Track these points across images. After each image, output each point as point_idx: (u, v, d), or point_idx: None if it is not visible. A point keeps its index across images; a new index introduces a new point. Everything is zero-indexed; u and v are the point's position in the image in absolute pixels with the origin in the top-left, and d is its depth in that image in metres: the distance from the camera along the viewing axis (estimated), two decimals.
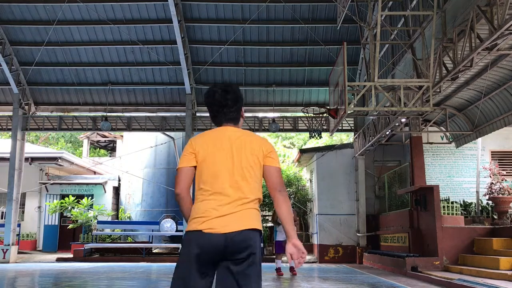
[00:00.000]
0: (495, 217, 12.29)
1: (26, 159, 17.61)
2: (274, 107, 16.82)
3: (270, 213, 19.37)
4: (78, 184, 20.39)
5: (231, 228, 2.49)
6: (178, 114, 16.66)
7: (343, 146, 16.86)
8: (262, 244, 16.12)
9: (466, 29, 7.88)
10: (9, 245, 15.54)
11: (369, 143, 13.72)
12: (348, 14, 11.50)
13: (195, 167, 2.65)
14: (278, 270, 10.70)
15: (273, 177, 2.69)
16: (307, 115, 14.33)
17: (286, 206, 2.67)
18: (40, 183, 19.72)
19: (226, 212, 2.54)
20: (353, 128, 16.38)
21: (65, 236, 19.42)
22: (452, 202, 11.95)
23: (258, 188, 2.67)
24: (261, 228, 2.62)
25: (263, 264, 12.92)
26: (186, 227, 2.58)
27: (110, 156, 26.49)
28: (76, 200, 18.47)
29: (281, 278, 10.05)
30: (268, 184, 2.72)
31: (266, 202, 18.38)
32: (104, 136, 24.79)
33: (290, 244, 2.58)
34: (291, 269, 10.73)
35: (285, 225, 2.61)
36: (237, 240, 2.49)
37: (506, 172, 13.47)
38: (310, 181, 18.33)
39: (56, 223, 19.88)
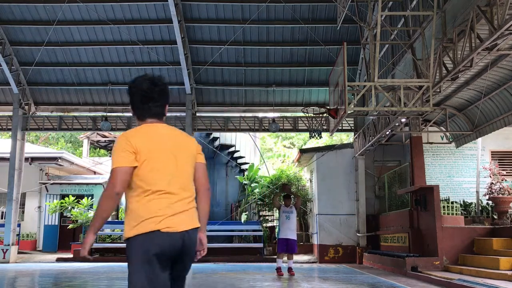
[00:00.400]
0: (495, 217, 12.30)
1: (26, 159, 17.61)
2: (274, 107, 16.82)
3: (270, 213, 19.43)
4: (78, 184, 20.39)
5: (186, 226, 2.57)
6: (178, 114, 16.66)
7: (343, 146, 16.86)
8: (262, 244, 16.15)
9: (466, 29, 7.88)
10: (9, 245, 15.54)
11: (369, 143, 13.72)
12: (348, 14, 11.49)
13: (135, 167, 2.55)
14: (278, 269, 10.60)
15: (203, 174, 2.80)
16: (307, 115, 14.33)
17: (209, 203, 2.85)
18: (40, 183, 19.72)
19: (179, 210, 2.57)
20: (353, 128, 16.38)
21: (65, 236, 19.41)
22: (452, 202, 11.95)
23: (193, 185, 2.76)
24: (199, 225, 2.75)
25: (263, 264, 12.91)
26: (134, 229, 2.51)
27: (110, 156, 26.46)
28: (76, 200, 18.47)
29: (281, 278, 10.05)
30: (197, 181, 2.78)
31: (266, 202, 18.40)
32: (104, 136, 24.79)
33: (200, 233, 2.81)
34: (289, 269, 10.65)
35: (205, 220, 2.88)
36: (193, 238, 2.64)
37: (506, 172, 13.47)
38: (310, 181, 18.33)
39: (56, 223, 19.88)
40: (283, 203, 10.71)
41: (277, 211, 11.62)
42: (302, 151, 18.13)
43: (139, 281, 2.46)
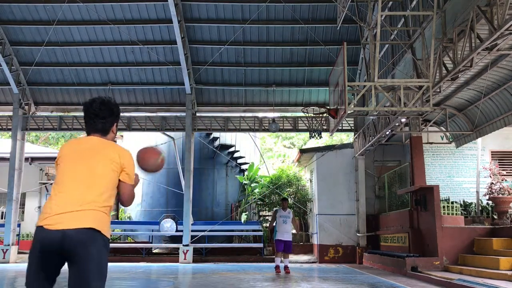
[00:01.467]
0: (495, 217, 12.30)
1: (26, 159, 17.61)
2: (274, 107, 16.81)
3: (270, 213, 19.42)
4: None
5: (67, 225, 2.65)
6: (178, 114, 16.66)
7: (343, 146, 16.86)
8: (262, 244, 16.15)
9: (466, 29, 7.88)
10: (9, 245, 15.54)
11: (369, 143, 13.72)
12: (348, 14, 11.49)
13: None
14: (277, 267, 11.16)
15: (124, 193, 2.97)
16: (307, 115, 14.33)
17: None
18: (40, 183, 19.73)
19: (68, 210, 2.70)
20: (353, 128, 16.38)
21: None
22: (452, 202, 11.96)
23: (109, 195, 2.85)
24: (102, 230, 2.79)
25: (263, 264, 12.88)
26: (37, 222, 2.81)
27: None
28: None
29: (280, 277, 10.05)
30: (120, 197, 2.98)
31: (266, 202, 18.41)
32: None
33: None
34: (285, 267, 11.24)
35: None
36: (74, 238, 2.66)
37: (506, 172, 13.48)
38: (310, 181, 18.33)
39: None
40: (281, 207, 11.65)
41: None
42: (302, 151, 18.14)
43: (27, 265, 2.77)
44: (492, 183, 12.14)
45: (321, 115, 14.08)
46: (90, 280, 2.82)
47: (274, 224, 11.37)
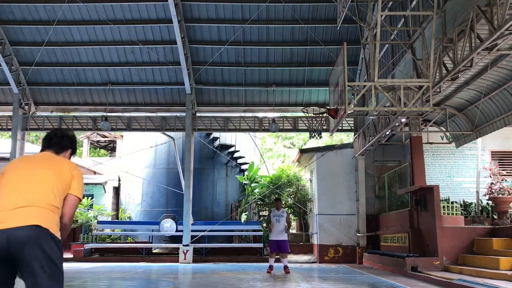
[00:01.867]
0: (495, 217, 12.30)
1: None
2: (274, 107, 16.82)
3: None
4: None
5: (10, 224, 2.53)
6: (178, 114, 16.66)
7: (343, 146, 16.86)
8: (262, 244, 16.16)
9: (466, 29, 7.88)
10: None
11: (369, 143, 13.72)
12: (348, 14, 11.49)
13: None
14: (269, 267, 11.15)
15: (68, 205, 2.85)
16: (307, 115, 14.32)
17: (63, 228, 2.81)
18: None
19: (7, 208, 2.60)
20: (353, 128, 16.38)
21: None
22: (452, 202, 11.95)
23: (55, 196, 2.77)
24: (50, 228, 2.63)
25: (263, 264, 12.79)
26: None
27: (110, 156, 26.48)
28: None
29: (281, 278, 10.05)
30: (63, 209, 2.84)
31: (266, 202, 18.40)
32: (104, 136, 24.78)
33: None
34: (285, 267, 11.16)
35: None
36: (18, 235, 2.51)
37: (506, 172, 13.48)
38: (310, 181, 18.33)
39: None
40: (275, 207, 11.63)
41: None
42: (302, 151, 18.14)
43: None
44: (492, 183, 12.13)
45: (321, 115, 14.07)
46: (41, 282, 2.60)
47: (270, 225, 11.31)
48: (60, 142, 3.09)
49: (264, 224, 17.08)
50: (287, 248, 11.25)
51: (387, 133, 12.32)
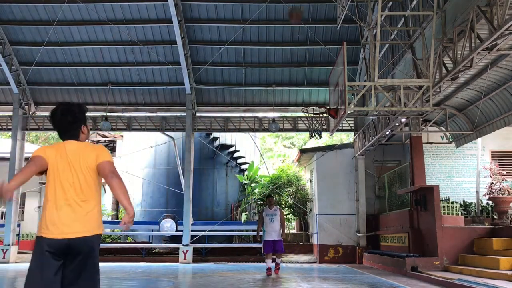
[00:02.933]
0: (495, 217, 12.30)
1: (26, 159, 17.58)
2: (274, 107, 16.81)
3: None
4: None
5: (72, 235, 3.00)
6: (178, 114, 16.66)
7: (343, 146, 16.86)
8: (262, 244, 16.14)
9: (466, 29, 7.88)
10: (9, 245, 15.54)
11: (369, 143, 13.72)
12: (348, 14, 11.49)
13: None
14: (268, 269, 10.45)
15: (104, 168, 3.06)
16: (307, 115, 14.32)
17: (119, 188, 3.02)
18: (40, 183, 19.70)
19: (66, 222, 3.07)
20: (353, 128, 16.38)
21: None
22: (452, 202, 11.95)
23: (94, 193, 3.10)
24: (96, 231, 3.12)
25: (263, 264, 12.68)
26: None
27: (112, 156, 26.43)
28: None
29: (281, 278, 10.05)
30: (101, 174, 3.08)
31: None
32: (104, 136, 24.76)
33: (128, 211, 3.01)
34: (277, 265, 10.65)
35: (122, 201, 3.03)
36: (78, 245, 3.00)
37: (506, 172, 13.48)
38: (310, 181, 18.33)
39: None
40: (266, 205, 10.88)
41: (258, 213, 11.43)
42: (302, 151, 18.13)
43: None
44: (492, 183, 12.14)
45: (321, 115, 14.08)
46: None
47: (262, 226, 10.75)
48: (74, 132, 3.18)
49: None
50: (282, 249, 10.60)
51: (387, 133, 12.32)
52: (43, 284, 2.83)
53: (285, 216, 19.09)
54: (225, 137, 19.14)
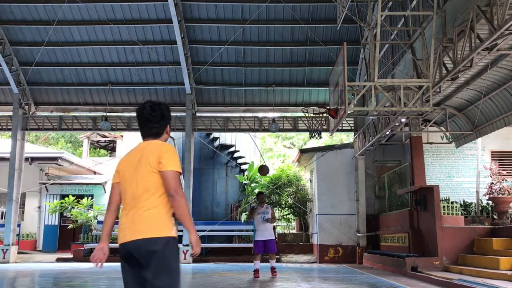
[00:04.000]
0: (495, 217, 12.30)
1: (26, 159, 17.60)
2: (274, 107, 16.82)
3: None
4: (78, 184, 20.39)
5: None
6: (178, 114, 16.65)
7: (343, 146, 16.86)
8: None
9: (466, 29, 7.88)
10: (9, 245, 15.53)
11: (369, 143, 13.72)
12: (348, 14, 11.49)
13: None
14: (256, 271, 9.94)
15: (166, 181, 2.98)
16: (307, 115, 14.32)
17: (179, 209, 2.95)
18: (40, 183, 19.73)
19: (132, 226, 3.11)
20: (353, 128, 16.38)
21: (65, 236, 19.42)
22: (452, 202, 11.95)
23: (159, 197, 3.01)
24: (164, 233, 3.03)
25: (263, 264, 12.66)
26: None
27: (110, 156, 26.48)
28: (76, 200, 18.47)
29: (280, 279, 10.04)
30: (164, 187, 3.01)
31: (266, 202, 18.36)
32: (104, 136, 24.78)
33: (190, 236, 2.98)
34: (272, 269, 10.19)
35: (184, 223, 2.98)
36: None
37: (506, 172, 13.48)
38: (310, 181, 18.33)
39: (56, 223, 19.88)
40: (257, 203, 10.51)
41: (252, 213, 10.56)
42: (302, 151, 18.13)
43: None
44: (492, 183, 12.13)
45: (321, 115, 14.07)
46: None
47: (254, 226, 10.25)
48: (158, 130, 3.17)
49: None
50: (275, 248, 10.19)
51: (387, 133, 12.32)
52: None
53: (284, 216, 19.23)
54: (225, 137, 19.14)
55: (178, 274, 2.98)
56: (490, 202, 12.51)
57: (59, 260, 16.21)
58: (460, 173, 14.62)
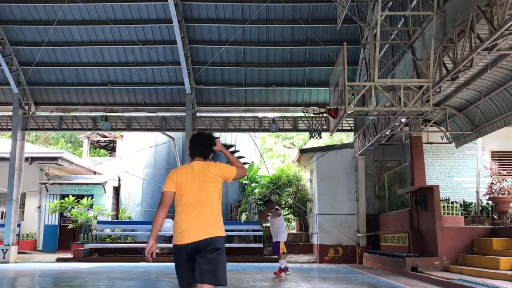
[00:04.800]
0: (495, 217, 12.30)
1: (26, 159, 17.61)
2: (274, 107, 16.82)
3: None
4: (78, 184, 20.39)
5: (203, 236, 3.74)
6: (178, 114, 16.66)
7: (343, 146, 16.86)
8: (262, 244, 16.19)
9: (466, 29, 7.88)
10: (9, 245, 15.54)
11: (369, 143, 13.72)
12: (348, 14, 11.49)
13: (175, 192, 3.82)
14: (285, 268, 10.58)
15: (236, 174, 3.93)
16: (307, 115, 14.33)
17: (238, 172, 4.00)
18: (40, 183, 19.72)
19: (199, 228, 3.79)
20: (353, 128, 16.38)
21: (65, 236, 19.42)
22: (452, 202, 11.94)
23: (218, 204, 3.83)
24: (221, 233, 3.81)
25: (263, 264, 12.78)
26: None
27: (110, 156, 26.48)
28: (76, 200, 18.47)
29: (279, 278, 10.04)
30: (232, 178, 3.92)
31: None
32: (104, 136, 24.77)
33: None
34: (283, 269, 10.62)
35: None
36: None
37: (506, 172, 13.48)
38: (310, 181, 18.33)
39: (56, 223, 19.88)
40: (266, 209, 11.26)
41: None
42: (302, 151, 18.13)
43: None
44: (492, 183, 12.13)
45: (321, 115, 14.08)
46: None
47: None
48: (207, 153, 3.95)
49: (265, 225, 17.09)
50: (274, 250, 10.87)
51: (387, 133, 12.32)
52: None
53: (284, 216, 19.26)
54: (225, 137, 19.14)
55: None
56: (490, 202, 12.51)
57: (59, 260, 16.21)
58: (460, 173, 14.62)
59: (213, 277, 3.56)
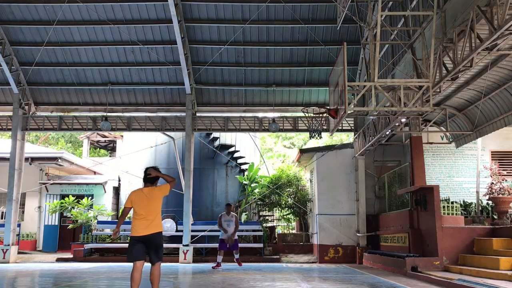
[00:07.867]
0: (495, 217, 12.31)
1: (26, 159, 17.60)
2: (274, 107, 16.82)
3: (270, 213, 19.42)
4: (78, 184, 20.39)
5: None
6: (178, 114, 16.66)
7: (343, 146, 16.86)
8: (262, 244, 16.20)
9: (466, 29, 7.89)
10: (9, 245, 15.54)
11: (369, 143, 13.72)
12: (348, 14, 11.49)
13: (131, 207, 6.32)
14: (217, 264, 12.90)
15: (166, 190, 6.54)
16: (307, 115, 14.32)
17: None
18: (40, 183, 19.72)
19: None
20: (353, 128, 16.38)
21: (65, 236, 19.42)
22: (452, 202, 11.95)
23: (159, 211, 6.39)
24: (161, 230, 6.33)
25: (263, 264, 12.90)
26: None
27: (110, 156, 26.48)
28: (76, 200, 18.46)
29: (279, 278, 10.05)
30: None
31: (266, 202, 18.40)
32: (104, 136, 24.78)
33: None
34: (237, 260, 13.34)
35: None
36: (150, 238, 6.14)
37: (506, 172, 13.48)
38: (310, 181, 18.33)
39: (56, 223, 19.88)
40: (225, 211, 13.33)
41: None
42: (302, 151, 18.12)
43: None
44: (492, 183, 12.14)
45: (321, 115, 14.07)
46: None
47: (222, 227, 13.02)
48: (154, 181, 6.51)
49: (265, 225, 17.09)
50: (236, 246, 13.26)
51: (387, 133, 12.32)
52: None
53: (284, 216, 19.28)
54: (225, 137, 19.14)
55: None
56: (490, 202, 12.52)
57: (59, 260, 16.21)
58: (460, 173, 14.63)
59: (157, 257, 6.13)
